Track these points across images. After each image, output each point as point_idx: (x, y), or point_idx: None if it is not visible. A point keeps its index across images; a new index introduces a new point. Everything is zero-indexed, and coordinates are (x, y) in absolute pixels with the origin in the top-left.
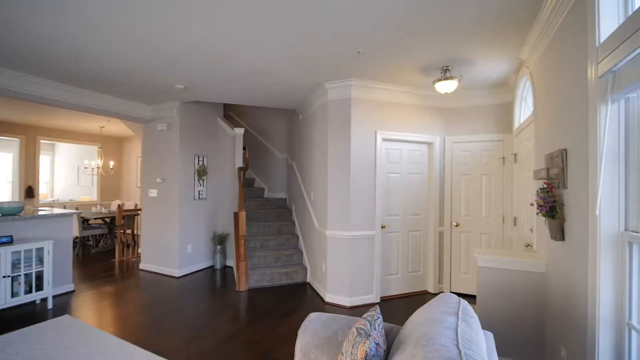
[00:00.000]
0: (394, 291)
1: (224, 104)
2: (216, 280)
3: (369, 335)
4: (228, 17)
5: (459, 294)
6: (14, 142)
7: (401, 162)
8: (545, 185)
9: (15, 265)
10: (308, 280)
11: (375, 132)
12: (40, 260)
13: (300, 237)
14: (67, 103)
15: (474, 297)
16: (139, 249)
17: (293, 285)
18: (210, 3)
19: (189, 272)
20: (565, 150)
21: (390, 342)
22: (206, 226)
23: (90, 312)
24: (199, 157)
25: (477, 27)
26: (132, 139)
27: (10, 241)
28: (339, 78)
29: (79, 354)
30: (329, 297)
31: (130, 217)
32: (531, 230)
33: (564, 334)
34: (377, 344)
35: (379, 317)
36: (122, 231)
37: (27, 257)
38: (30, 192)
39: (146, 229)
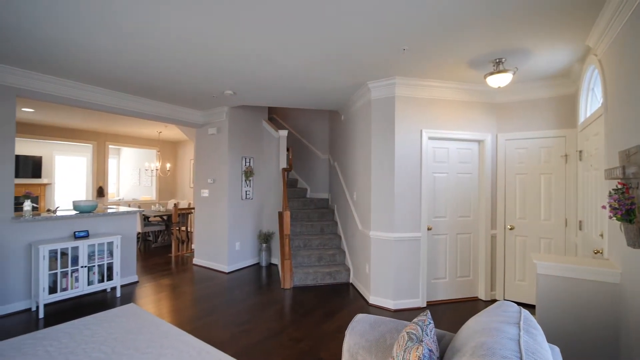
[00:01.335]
0: (441, 296)
1: (269, 108)
2: (262, 277)
3: (421, 341)
4: (274, 24)
5: (514, 303)
6: (87, 148)
7: (449, 161)
8: (620, 186)
9: (90, 256)
10: (351, 281)
11: (421, 131)
12: (111, 253)
13: (343, 238)
14: (131, 111)
15: (531, 306)
16: (192, 245)
17: (336, 285)
18: (256, 11)
19: (237, 268)
20: None
21: (443, 349)
22: (252, 225)
23: (150, 301)
24: (245, 159)
25: (536, 13)
26: (185, 142)
27: (86, 235)
28: (382, 77)
29: (143, 339)
30: (372, 299)
31: (184, 215)
32: (601, 235)
33: None
34: (430, 350)
35: (430, 323)
36: (177, 228)
37: (100, 250)
38: (100, 192)
39: (199, 226)
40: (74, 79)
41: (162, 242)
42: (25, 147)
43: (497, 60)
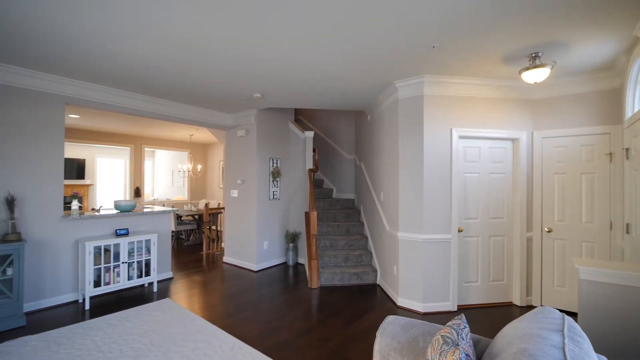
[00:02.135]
0: (473, 300)
1: (295, 109)
2: (289, 277)
3: (457, 345)
4: (302, 26)
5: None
6: (125, 151)
7: (480, 160)
8: None
9: (130, 253)
10: (378, 282)
11: (451, 130)
12: (148, 250)
13: (370, 239)
14: (167, 115)
15: (572, 314)
16: (222, 244)
17: (363, 286)
18: (285, 14)
19: (265, 267)
20: None
21: (479, 354)
22: (280, 225)
23: (184, 297)
24: (273, 160)
25: (577, 4)
26: (215, 144)
27: (127, 233)
28: (410, 75)
29: (179, 332)
30: (401, 301)
31: (214, 214)
32: None
33: None
34: (467, 355)
35: (465, 327)
36: (208, 227)
37: (139, 247)
38: (137, 192)
39: (228, 225)
40: (116, 87)
41: (193, 240)
42: (71, 150)
43: (533, 55)
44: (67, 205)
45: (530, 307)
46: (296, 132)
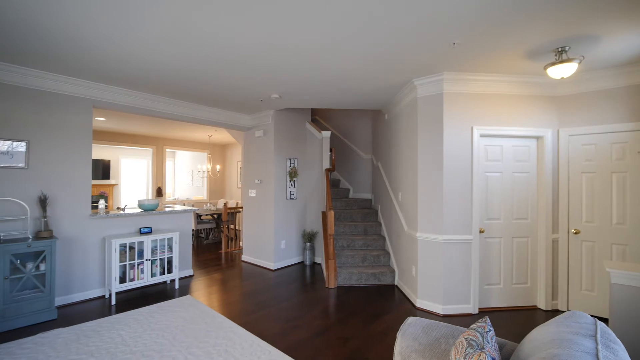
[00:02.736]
0: (495, 303)
1: (311, 109)
2: (306, 276)
3: (483, 348)
4: (323, 28)
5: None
6: (148, 152)
7: (503, 159)
8: None
9: (153, 250)
10: (396, 283)
11: (472, 128)
12: (170, 248)
13: (387, 239)
14: (188, 117)
15: (603, 319)
16: (240, 243)
17: (381, 287)
18: (305, 18)
19: (282, 266)
20: None
21: (505, 358)
22: (297, 224)
23: (204, 294)
24: (290, 160)
25: None
26: (233, 145)
27: (150, 231)
28: (429, 73)
29: (200, 329)
30: (419, 303)
31: (233, 214)
32: None
33: None
34: (493, 359)
35: (490, 330)
36: (227, 226)
37: (161, 245)
38: (159, 192)
39: (247, 224)
40: (140, 90)
41: (212, 239)
42: (97, 151)
43: (560, 49)
44: (94, 205)
45: (556, 312)
46: (313, 132)
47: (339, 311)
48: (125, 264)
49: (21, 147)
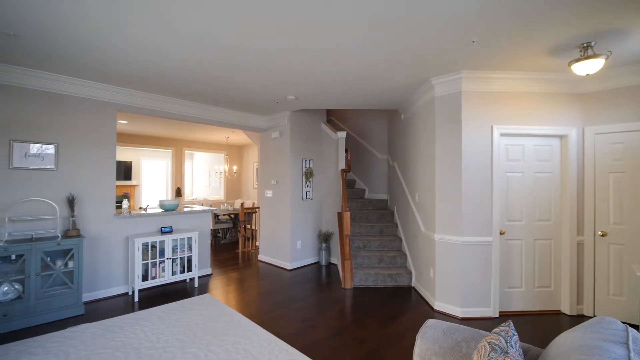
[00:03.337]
0: (516, 307)
1: (327, 110)
2: (322, 276)
3: (507, 353)
4: (338, 30)
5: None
6: (167, 153)
7: (524, 159)
8: None
9: (174, 249)
10: (413, 285)
11: (492, 127)
12: (190, 247)
13: (404, 240)
14: (206, 119)
15: (633, 326)
16: (256, 242)
17: (397, 288)
18: (321, 22)
19: (298, 266)
20: None
21: None
22: (312, 224)
23: (223, 293)
24: (306, 161)
25: None
26: (249, 146)
27: (171, 231)
28: (447, 72)
29: (219, 327)
30: (437, 305)
31: (249, 214)
32: None
33: None
34: None
35: (514, 334)
36: (243, 226)
37: (181, 244)
38: (178, 192)
39: (263, 225)
40: (161, 94)
41: (230, 238)
42: (119, 153)
43: (585, 45)
44: (117, 205)
45: (581, 317)
46: (328, 132)
47: (356, 312)
48: (148, 263)
49: (50, 149)
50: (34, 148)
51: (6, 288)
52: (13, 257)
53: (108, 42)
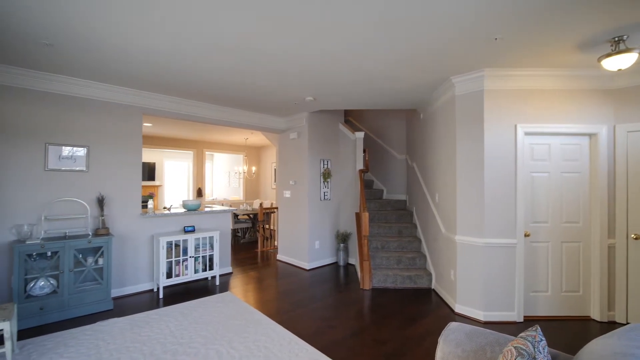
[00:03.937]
0: (542, 312)
1: (344, 110)
2: (340, 276)
3: (535, 358)
4: (356, 31)
5: None
6: (189, 154)
7: (550, 159)
8: None
9: (196, 248)
10: (433, 287)
11: (515, 126)
12: (211, 246)
13: (423, 241)
14: (227, 121)
15: None
16: (275, 242)
17: (417, 290)
18: (340, 23)
19: (316, 266)
20: None
21: None
22: (330, 225)
23: (243, 291)
24: (324, 161)
25: None
26: (268, 147)
27: (193, 230)
28: (468, 70)
29: (239, 324)
30: (459, 308)
31: (268, 214)
32: None
33: None
34: None
35: (542, 340)
36: (262, 226)
37: (203, 243)
38: (199, 192)
39: (282, 224)
40: (185, 97)
41: (249, 238)
42: (144, 154)
43: (617, 39)
44: (143, 204)
45: (612, 324)
46: (346, 133)
47: (374, 313)
48: (172, 261)
49: (81, 152)
50: (66, 150)
51: (42, 283)
52: (49, 253)
53: (139, 50)
